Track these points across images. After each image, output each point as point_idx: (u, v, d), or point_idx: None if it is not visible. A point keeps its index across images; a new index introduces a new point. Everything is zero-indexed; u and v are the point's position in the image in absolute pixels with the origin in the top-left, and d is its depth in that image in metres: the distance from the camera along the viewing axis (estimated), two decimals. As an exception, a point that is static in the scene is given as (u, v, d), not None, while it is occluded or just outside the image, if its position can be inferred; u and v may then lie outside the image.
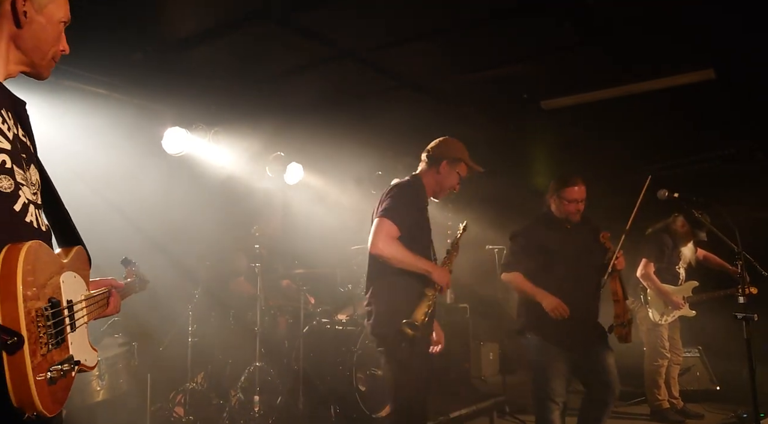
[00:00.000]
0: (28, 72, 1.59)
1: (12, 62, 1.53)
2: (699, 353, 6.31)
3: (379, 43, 4.61)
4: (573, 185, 3.75)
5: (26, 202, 1.47)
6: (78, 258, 1.63)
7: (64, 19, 1.58)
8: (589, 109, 5.75)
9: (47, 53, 1.56)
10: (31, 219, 1.48)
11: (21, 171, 1.47)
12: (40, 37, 1.53)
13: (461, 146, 3.27)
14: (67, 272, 1.51)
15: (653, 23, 4.20)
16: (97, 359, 1.66)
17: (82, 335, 1.55)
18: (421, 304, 2.85)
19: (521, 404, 6.18)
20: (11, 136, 1.46)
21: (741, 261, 3.37)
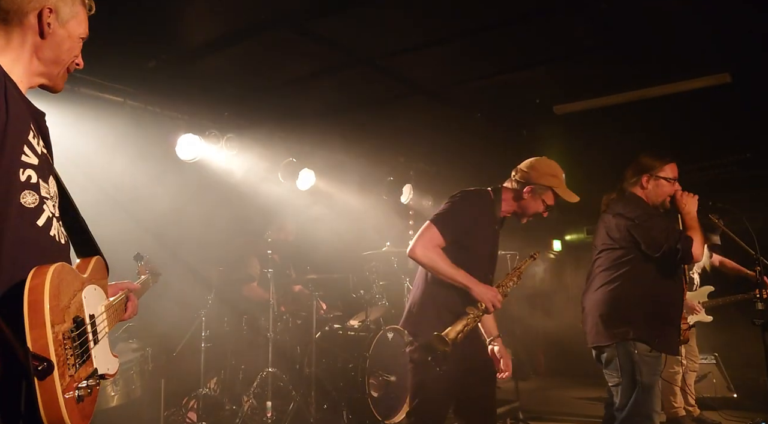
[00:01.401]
0: (45, 84, 1.62)
1: (33, 74, 1.57)
2: (715, 360, 6.23)
3: (392, 49, 4.62)
4: (671, 160, 3.21)
5: (50, 216, 1.50)
6: (97, 269, 1.67)
7: (83, 35, 1.63)
8: (603, 114, 5.72)
9: (64, 65, 1.61)
10: (54, 233, 1.51)
11: (45, 185, 1.51)
12: (61, 50, 1.57)
13: (553, 171, 3.10)
14: (88, 286, 1.55)
15: (667, 27, 4.18)
16: (118, 365, 1.70)
17: (104, 346, 1.60)
18: (458, 321, 2.67)
19: (535, 411, 6.14)
20: (39, 151, 1.50)
21: (759, 266, 3.32)
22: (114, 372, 1.65)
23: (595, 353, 3.16)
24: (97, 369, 1.50)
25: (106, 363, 1.60)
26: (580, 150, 7.45)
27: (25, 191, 1.43)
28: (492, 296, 2.76)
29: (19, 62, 1.53)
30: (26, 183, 1.43)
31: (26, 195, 1.43)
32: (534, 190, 2.99)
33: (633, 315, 3.00)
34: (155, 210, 5.09)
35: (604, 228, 3.22)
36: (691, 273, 5.44)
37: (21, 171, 1.42)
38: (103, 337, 1.58)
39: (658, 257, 3.00)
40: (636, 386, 2.94)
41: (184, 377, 4.77)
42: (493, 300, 2.76)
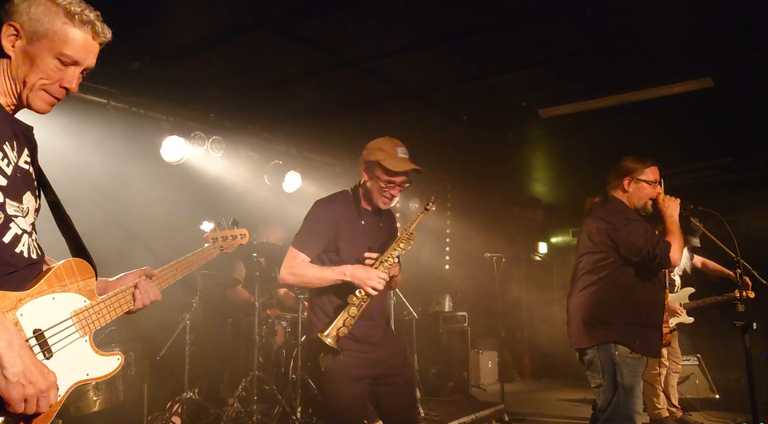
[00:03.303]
0: (18, 104, 1.57)
1: (8, 93, 1.55)
2: (698, 361, 6.30)
3: (379, 51, 4.62)
4: (652, 163, 3.23)
5: (18, 232, 1.51)
6: (76, 272, 1.64)
7: (62, 58, 1.55)
8: (587, 118, 5.76)
9: (32, 85, 1.54)
10: (22, 249, 1.52)
11: (15, 203, 1.52)
12: (26, 68, 1.53)
13: (380, 145, 2.96)
14: (34, 300, 1.51)
15: (650, 32, 4.23)
16: (117, 362, 1.70)
17: (74, 352, 1.58)
18: (338, 317, 2.57)
19: (520, 413, 6.17)
20: (10, 171, 1.50)
21: (740, 270, 3.36)
22: (107, 373, 1.66)
23: (579, 355, 3.19)
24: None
25: (82, 368, 1.59)
26: (564, 153, 7.52)
27: None
28: (367, 277, 2.61)
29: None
30: None
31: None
32: (366, 169, 2.89)
33: (613, 318, 3.04)
34: (139, 212, 5.05)
35: (586, 232, 3.25)
36: (672, 275, 5.49)
37: None
38: (68, 344, 1.56)
39: (637, 261, 3.04)
40: (617, 388, 2.97)
41: (168, 381, 4.73)
42: (369, 280, 2.60)
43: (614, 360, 2.99)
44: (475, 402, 6.45)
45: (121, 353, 1.73)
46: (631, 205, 3.23)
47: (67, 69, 1.57)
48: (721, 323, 4.15)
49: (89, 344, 1.64)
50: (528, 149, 7.51)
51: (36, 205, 1.64)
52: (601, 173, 3.45)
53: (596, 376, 3.06)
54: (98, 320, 1.67)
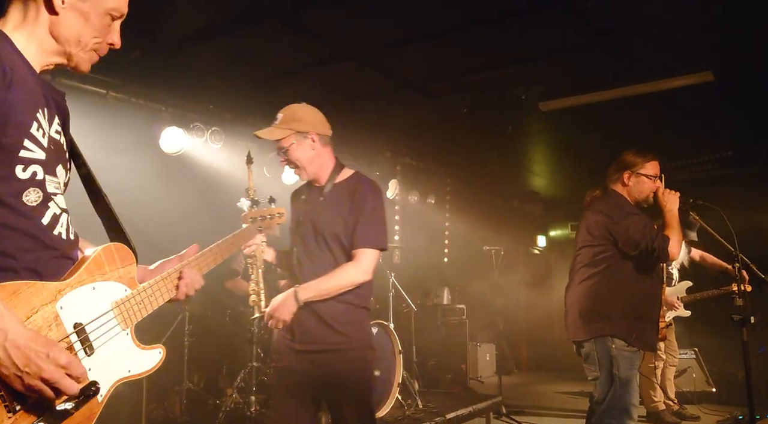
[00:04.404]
0: (64, 64, 1.48)
1: (48, 52, 1.44)
2: (695, 355, 6.33)
3: (379, 44, 4.61)
4: (653, 157, 3.23)
5: (57, 212, 1.41)
6: (116, 259, 1.52)
7: (112, 12, 1.49)
8: (587, 111, 5.76)
9: (86, 44, 1.45)
10: (60, 230, 1.42)
11: (54, 178, 1.41)
12: (79, 28, 1.43)
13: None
14: (74, 290, 1.39)
15: (651, 25, 4.21)
16: (159, 356, 1.58)
17: (116, 347, 1.47)
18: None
19: (517, 405, 6.19)
20: (46, 142, 1.38)
21: (738, 263, 3.36)
22: (149, 368, 1.55)
23: (576, 348, 3.20)
24: (93, 382, 1.36)
25: (125, 364, 1.48)
26: (564, 146, 7.51)
27: (29, 189, 1.34)
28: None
29: (33, 39, 1.41)
30: (30, 180, 1.34)
31: (29, 193, 1.34)
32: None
33: (610, 311, 3.04)
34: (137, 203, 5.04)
35: (584, 225, 3.25)
36: (669, 268, 5.51)
37: (23, 168, 1.33)
38: (107, 340, 1.44)
39: (635, 254, 3.04)
40: (613, 380, 2.99)
41: (167, 371, 4.74)
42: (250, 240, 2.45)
43: (611, 353, 3.00)
44: (473, 394, 6.48)
45: (163, 346, 1.58)
46: (631, 199, 3.23)
47: (113, 24, 1.51)
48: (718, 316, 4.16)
49: (131, 337, 1.52)
50: (528, 142, 7.50)
51: (65, 179, 1.51)
52: (601, 167, 3.45)
53: (593, 369, 3.08)
54: (140, 311, 1.54)
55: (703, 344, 6.42)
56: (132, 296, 1.53)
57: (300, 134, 2.63)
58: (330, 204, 2.60)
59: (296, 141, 2.63)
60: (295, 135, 2.63)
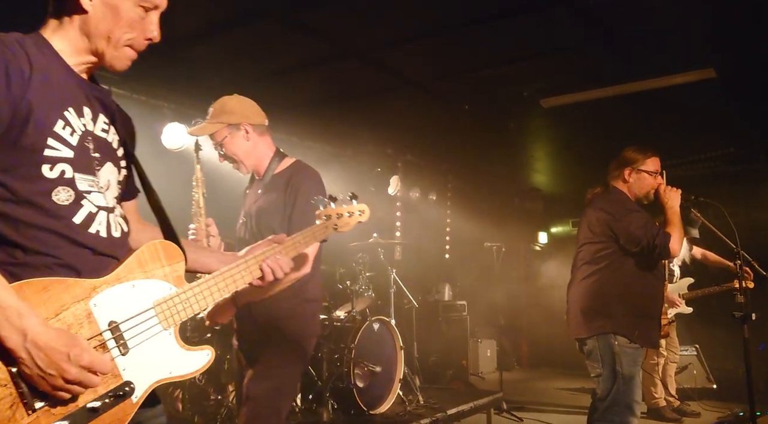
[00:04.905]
0: (97, 62, 1.46)
1: (82, 51, 1.42)
2: (696, 352, 6.33)
3: (380, 41, 4.61)
4: (654, 154, 3.22)
5: (93, 210, 1.39)
6: (152, 257, 1.47)
7: (143, 3, 1.44)
8: (589, 108, 5.75)
9: (117, 40, 1.42)
10: (98, 228, 1.39)
11: (89, 176, 1.39)
12: (109, 22, 1.40)
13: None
14: (110, 288, 1.37)
15: (653, 22, 4.21)
16: (206, 358, 1.50)
17: (155, 347, 1.42)
18: None
19: (518, 401, 6.21)
20: (76, 140, 1.36)
21: (740, 260, 3.37)
22: (193, 370, 1.48)
23: (578, 345, 3.21)
24: (128, 382, 1.34)
25: (165, 365, 1.42)
26: (566, 143, 7.50)
27: (58, 188, 1.33)
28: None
29: (67, 40, 1.41)
30: (59, 179, 1.33)
31: (58, 192, 1.33)
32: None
33: (612, 308, 3.05)
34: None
35: (586, 222, 3.25)
36: (671, 265, 5.51)
37: (50, 167, 1.32)
38: (144, 339, 1.39)
39: (637, 251, 3.05)
40: (616, 377, 3.00)
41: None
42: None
43: (614, 350, 3.01)
44: (474, 390, 6.49)
45: (212, 347, 1.51)
46: (632, 195, 3.23)
47: (148, 16, 1.47)
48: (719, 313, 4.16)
49: (174, 337, 1.46)
50: (529, 139, 7.50)
51: (119, 176, 1.50)
52: (602, 164, 3.45)
53: (596, 365, 3.08)
54: (185, 310, 1.48)
55: (704, 341, 6.42)
56: (176, 295, 1.48)
57: (232, 126, 2.53)
58: (268, 197, 2.50)
59: (229, 134, 2.55)
60: (227, 128, 2.55)
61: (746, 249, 3.46)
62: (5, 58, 1.27)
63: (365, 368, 4.64)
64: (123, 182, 1.53)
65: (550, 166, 8.94)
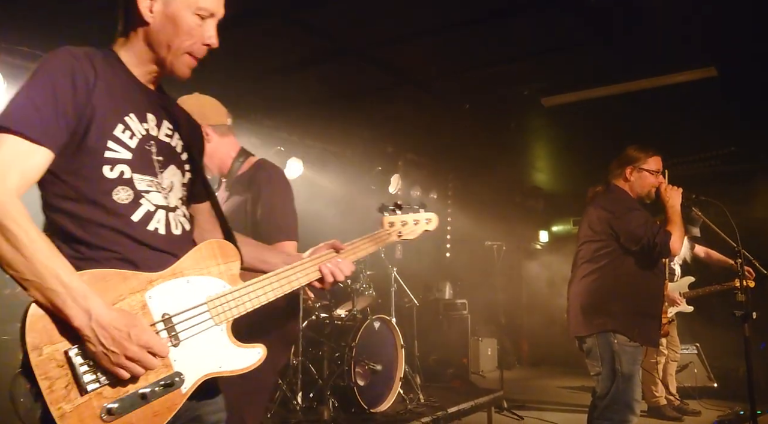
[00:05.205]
0: (160, 71, 1.57)
1: (147, 61, 1.53)
2: (696, 350, 6.34)
3: (381, 39, 4.60)
4: (655, 153, 3.23)
5: (151, 209, 1.47)
6: (209, 255, 1.53)
7: (199, 11, 1.51)
8: (590, 107, 5.75)
9: (179, 48, 1.51)
10: (156, 226, 1.47)
11: (147, 177, 1.47)
12: (169, 32, 1.49)
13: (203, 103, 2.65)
14: (166, 282, 1.43)
15: (654, 21, 4.20)
16: (257, 356, 1.54)
17: (206, 342, 1.46)
18: None
19: (519, 400, 6.21)
20: (135, 143, 1.46)
21: (741, 259, 3.37)
22: (243, 366, 1.51)
23: (578, 343, 3.22)
24: (178, 373, 1.39)
25: (215, 359, 1.46)
26: (566, 142, 7.50)
27: (117, 187, 1.41)
28: None
29: (133, 52, 1.52)
30: (118, 179, 1.41)
31: (118, 191, 1.41)
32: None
33: (612, 307, 3.05)
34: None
35: (587, 220, 3.25)
36: (672, 264, 5.51)
37: (110, 168, 1.41)
38: (195, 333, 1.44)
39: (637, 250, 3.05)
40: (616, 376, 3.00)
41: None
42: None
43: (613, 348, 3.01)
44: (475, 389, 6.50)
45: (263, 346, 1.55)
46: (633, 194, 3.23)
47: (205, 23, 1.53)
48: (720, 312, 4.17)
49: (226, 333, 1.51)
50: (530, 138, 7.49)
51: (183, 179, 1.58)
52: (603, 162, 3.45)
53: (595, 364, 3.09)
54: (237, 308, 1.53)
55: (705, 340, 6.42)
56: (229, 292, 1.53)
57: None
58: (233, 200, 2.44)
59: None
60: None
61: (747, 248, 3.46)
62: (72, 68, 1.38)
63: (366, 367, 4.65)
64: (188, 185, 1.61)
65: (551, 164, 8.93)
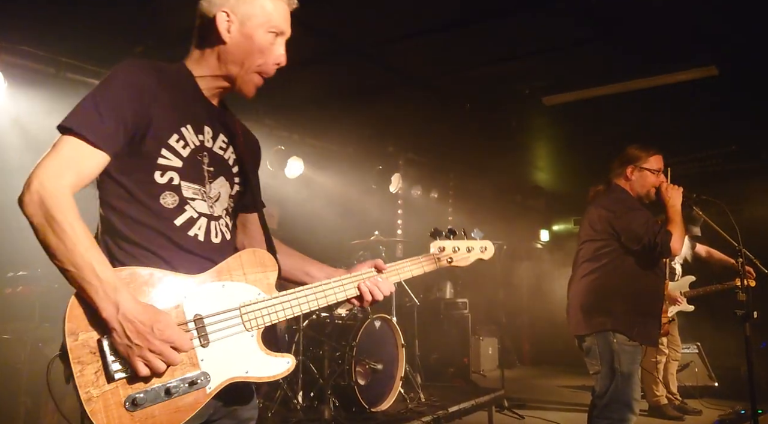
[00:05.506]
0: (228, 87, 1.65)
1: (218, 78, 1.62)
2: (697, 349, 6.33)
3: (382, 38, 4.60)
4: (656, 152, 3.22)
5: (194, 216, 1.54)
6: (247, 263, 1.58)
7: (273, 30, 1.60)
8: (591, 105, 5.74)
9: (251, 66, 1.60)
10: (196, 232, 1.54)
11: (194, 185, 1.55)
12: (244, 51, 1.58)
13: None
14: (202, 285, 1.48)
15: (655, 20, 4.20)
16: (285, 365, 1.55)
17: (235, 346, 1.49)
18: None
19: (520, 399, 6.21)
20: (187, 153, 1.53)
21: (742, 258, 3.36)
22: (270, 374, 1.53)
23: (578, 342, 3.21)
24: (204, 372, 1.42)
25: (242, 364, 1.49)
26: (568, 141, 7.50)
27: (165, 192, 1.49)
28: None
29: (206, 68, 1.60)
30: (167, 185, 1.49)
31: (165, 196, 1.49)
32: None
33: (612, 306, 3.05)
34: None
35: (587, 220, 3.25)
36: (673, 263, 5.51)
37: (160, 174, 1.49)
38: (225, 336, 1.48)
39: (638, 249, 3.05)
40: (615, 375, 3.00)
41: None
42: None
43: (612, 347, 3.01)
44: (476, 388, 6.50)
45: (293, 356, 1.59)
46: (634, 193, 3.23)
47: (276, 42, 1.63)
48: (721, 311, 4.16)
49: (256, 340, 1.53)
50: (531, 137, 7.49)
51: (231, 190, 1.65)
52: (604, 161, 3.44)
53: (595, 363, 3.09)
54: (269, 316, 1.56)
55: (706, 339, 6.42)
56: (263, 301, 1.56)
57: None
58: None
59: None
60: None
61: (748, 247, 3.46)
62: (137, 80, 1.47)
63: (367, 366, 4.65)
64: (236, 196, 1.68)
65: (552, 163, 8.93)
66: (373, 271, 1.81)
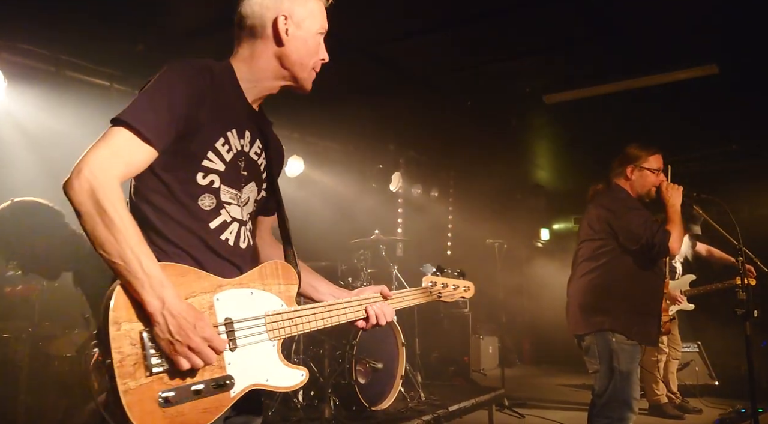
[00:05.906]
0: (291, 86, 1.70)
1: (277, 78, 1.66)
2: (698, 348, 6.33)
3: (383, 36, 4.60)
4: (656, 151, 3.22)
5: (227, 220, 1.57)
6: (272, 273, 1.63)
7: (320, 30, 1.69)
8: (592, 104, 5.74)
9: (308, 65, 1.67)
10: (228, 237, 1.57)
11: (232, 190, 1.58)
12: (302, 52, 1.65)
13: None
14: (233, 289, 1.51)
15: (656, 18, 4.19)
16: (300, 377, 1.61)
17: (258, 353, 1.53)
18: None
19: (520, 398, 6.21)
20: (230, 157, 1.55)
21: (742, 257, 3.36)
22: (287, 385, 1.57)
23: (577, 341, 3.21)
24: (229, 376, 1.44)
25: (263, 372, 1.52)
26: (568, 140, 7.49)
27: (205, 194, 1.52)
28: None
29: (258, 69, 1.63)
30: (207, 187, 1.52)
31: (204, 198, 1.52)
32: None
33: (611, 305, 3.05)
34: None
35: (587, 219, 3.25)
36: (673, 262, 5.50)
37: (203, 175, 1.51)
38: (251, 342, 1.51)
39: (636, 249, 3.04)
40: (614, 374, 3.00)
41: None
42: None
43: (611, 347, 3.01)
44: (476, 386, 6.50)
45: (306, 370, 1.64)
46: (634, 192, 3.22)
47: (321, 41, 1.70)
48: (721, 310, 4.16)
49: (276, 350, 1.58)
50: (532, 136, 7.48)
51: (257, 196, 1.68)
52: (605, 160, 3.44)
53: (594, 362, 3.09)
54: (290, 328, 1.61)
55: (706, 338, 6.42)
56: (285, 312, 1.61)
57: None
58: None
59: None
60: None
61: (748, 246, 3.45)
62: (190, 80, 1.49)
63: (367, 365, 4.64)
64: (260, 202, 1.71)
65: (552, 162, 8.92)
66: (380, 297, 1.91)
